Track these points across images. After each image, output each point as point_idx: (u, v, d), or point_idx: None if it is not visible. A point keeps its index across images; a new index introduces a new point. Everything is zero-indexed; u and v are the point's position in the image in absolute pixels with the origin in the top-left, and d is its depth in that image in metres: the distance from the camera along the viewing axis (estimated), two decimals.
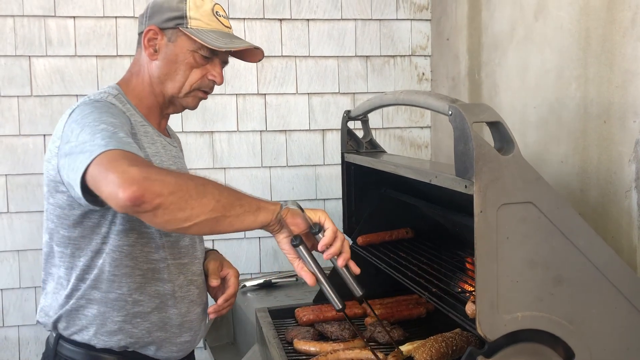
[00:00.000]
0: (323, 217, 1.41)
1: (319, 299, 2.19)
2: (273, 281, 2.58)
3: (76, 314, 1.48)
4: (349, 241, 1.43)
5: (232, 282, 1.65)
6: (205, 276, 1.66)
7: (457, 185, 1.25)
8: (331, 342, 1.80)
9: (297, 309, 2.05)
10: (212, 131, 2.93)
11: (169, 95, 1.57)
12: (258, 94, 2.97)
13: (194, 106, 1.62)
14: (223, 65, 1.60)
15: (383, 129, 3.11)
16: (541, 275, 1.23)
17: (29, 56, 2.76)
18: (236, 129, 2.95)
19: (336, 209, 2.98)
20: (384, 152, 2.19)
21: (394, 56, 3.09)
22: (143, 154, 1.46)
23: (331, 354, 1.68)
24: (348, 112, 2.14)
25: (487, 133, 1.28)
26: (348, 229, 2.21)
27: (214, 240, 2.94)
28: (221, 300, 1.63)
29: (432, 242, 2.13)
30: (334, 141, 3.01)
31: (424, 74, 3.13)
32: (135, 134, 1.47)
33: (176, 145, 1.70)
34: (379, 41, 3.06)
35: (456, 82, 2.82)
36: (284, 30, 2.97)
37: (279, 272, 2.88)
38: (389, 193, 2.14)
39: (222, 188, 1.26)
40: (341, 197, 2.23)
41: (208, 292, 1.69)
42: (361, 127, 2.20)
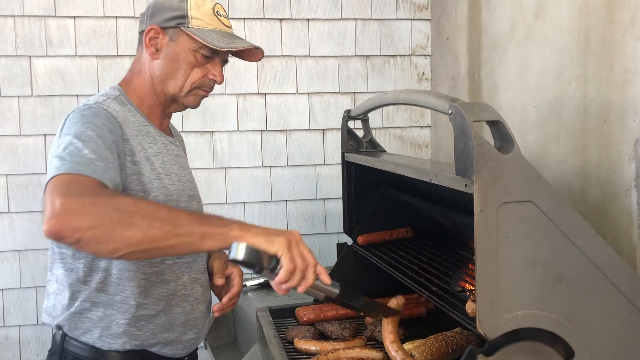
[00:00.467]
0: (281, 250, 1.22)
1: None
2: None
3: (79, 316, 1.48)
4: (314, 269, 1.26)
5: (237, 281, 1.66)
6: (209, 274, 1.67)
7: (457, 184, 1.25)
8: (332, 341, 1.80)
9: (297, 309, 2.05)
10: (212, 131, 2.94)
11: (170, 94, 1.58)
12: (258, 93, 2.97)
13: (196, 105, 1.63)
14: (223, 64, 1.62)
15: (383, 128, 3.11)
16: (541, 274, 1.23)
17: (30, 56, 2.76)
18: (236, 129, 2.96)
19: (336, 208, 2.98)
20: (384, 151, 2.19)
21: (394, 56, 3.09)
22: (144, 155, 1.49)
23: (332, 353, 1.68)
24: (348, 111, 2.14)
25: (487, 132, 1.28)
26: (348, 229, 2.22)
27: None
28: (226, 299, 1.63)
29: (432, 242, 2.13)
30: (334, 141, 3.01)
31: (424, 73, 3.13)
32: (128, 139, 1.45)
33: (178, 144, 1.71)
34: (379, 41, 3.07)
35: (456, 81, 2.82)
36: (284, 30, 2.98)
37: None
38: (389, 192, 2.14)
39: (156, 218, 1.18)
40: (341, 196, 2.24)
41: (212, 290, 1.70)
42: (361, 126, 2.21)
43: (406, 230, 2.21)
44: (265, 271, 1.23)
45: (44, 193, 1.21)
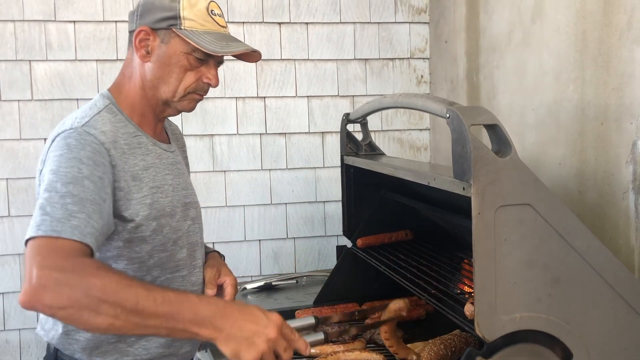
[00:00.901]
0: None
1: (319, 301, 2.21)
2: (273, 283, 2.59)
3: (67, 338, 1.43)
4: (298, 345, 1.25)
5: (229, 291, 1.58)
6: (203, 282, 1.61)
7: (455, 188, 1.26)
8: (331, 343, 1.81)
9: (297, 311, 2.06)
10: (212, 134, 2.94)
11: (163, 99, 1.50)
12: (258, 97, 2.98)
13: (190, 109, 1.55)
14: (218, 66, 1.53)
15: (382, 131, 3.12)
16: (539, 277, 1.24)
17: (30, 60, 2.76)
18: (236, 132, 2.96)
19: (336, 211, 2.99)
20: (383, 154, 2.20)
21: (392, 59, 3.10)
22: (132, 174, 1.40)
23: (331, 355, 1.69)
24: (347, 115, 2.15)
25: (485, 136, 1.29)
26: (348, 231, 2.23)
27: (214, 243, 2.95)
28: None
29: (432, 244, 2.14)
30: (334, 144, 3.02)
31: (422, 76, 3.14)
32: (115, 165, 1.38)
33: (174, 150, 1.63)
34: (377, 44, 3.08)
35: (455, 84, 2.84)
36: (283, 33, 2.99)
37: (279, 274, 2.90)
38: (388, 195, 2.15)
39: (123, 309, 1.13)
40: (341, 199, 2.24)
41: None
42: (360, 129, 2.22)
43: (405, 232, 2.22)
44: None
45: (25, 244, 1.20)
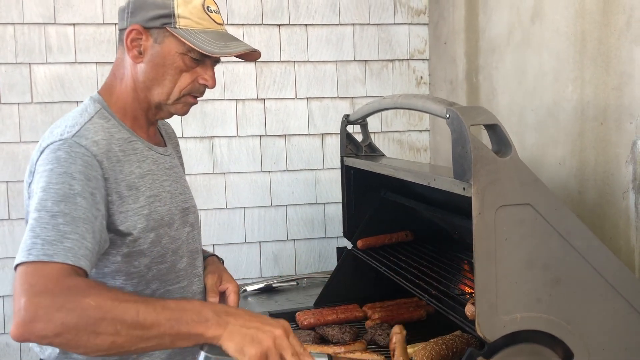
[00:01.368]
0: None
1: (319, 303, 2.21)
2: (274, 285, 2.59)
3: (64, 356, 1.36)
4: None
5: (232, 299, 1.52)
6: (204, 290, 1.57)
7: (456, 188, 1.26)
8: (332, 345, 1.81)
9: (297, 313, 2.06)
10: (211, 136, 2.95)
11: (155, 101, 1.42)
12: (257, 99, 2.98)
13: (184, 113, 1.47)
14: (214, 65, 1.46)
15: (382, 132, 3.12)
16: (539, 277, 1.24)
17: (29, 63, 2.77)
18: (236, 134, 2.96)
19: (336, 212, 2.99)
20: (383, 155, 2.20)
21: (392, 60, 3.11)
22: (127, 183, 1.33)
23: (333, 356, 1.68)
24: (347, 116, 2.15)
25: (485, 136, 1.29)
26: (348, 233, 2.23)
27: (214, 245, 2.95)
28: None
29: (432, 245, 2.14)
30: (334, 145, 3.02)
31: (422, 77, 3.14)
32: (108, 178, 1.31)
33: (170, 153, 1.56)
34: (377, 46, 3.08)
35: (454, 85, 2.84)
36: (283, 35, 2.99)
37: (280, 276, 2.90)
38: (388, 196, 2.15)
39: (123, 324, 1.08)
40: (341, 200, 2.24)
41: None
42: (360, 131, 2.22)
43: (405, 233, 2.22)
44: None
45: (14, 269, 1.13)
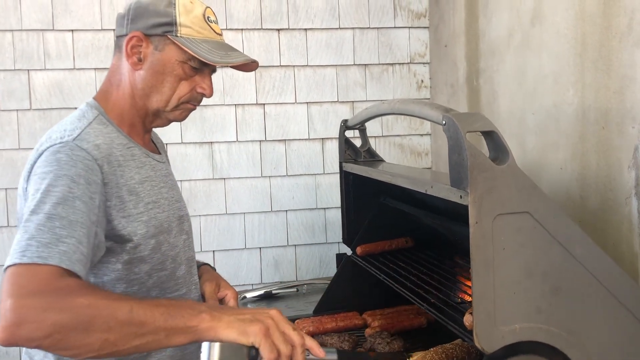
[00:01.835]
0: (258, 340, 1.08)
1: (319, 310, 2.18)
2: (274, 292, 2.57)
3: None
4: (302, 349, 1.13)
5: (232, 304, 1.52)
6: (202, 298, 1.55)
7: (452, 196, 1.24)
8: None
9: (296, 321, 2.04)
10: (211, 142, 2.93)
11: (153, 109, 1.42)
12: (257, 104, 2.96)
13: (182, 119, 1.49)
14: (212, 74, 1.48)
15: (383, 136, 3.10)
16: (539, 286, 1.22)
17: (28, 70, 2.76)
18: (235, 139, 2.95)
19: (337, 217, 2.96)
20: (382, 161, 2.18)
21: (392, 64, 3.08)
22: (127, 189, 1.32)
23: None
24: (345, 121, 2.13)
25: (485, 143, 1.27)
26: (347, 239, 2.20)
27: (214, 251, 2.93)
28: None
29: (433, 252, 2.11)
30: (334, 150, 3.00)
31: (422, 81, 3.12)
32: (108, 182, 1.30)
33: (164, 161, 1.56)
34: (377, 49, 3.06)
35: (455, 89, 2.81)
36: (282, 40, 2.97)
37: (281, 282, 2.88)
38: (388, 202, 2.12)
39: (116, 320, 1.07)
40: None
41: None
42: (359, 136, 2.20)
43: (406, 240, 2.19)
44: None
45: (4, 270, 1.10)
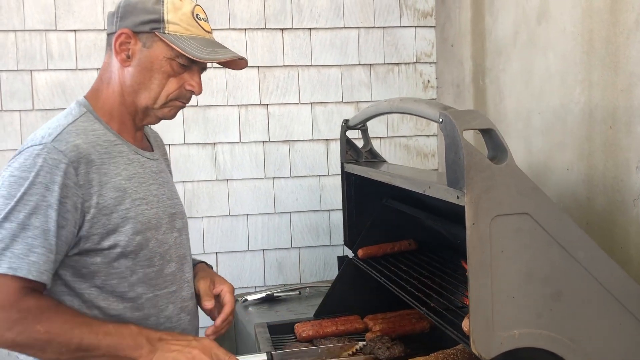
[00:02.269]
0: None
1: (320, 314, 2.14)
2: (275, 295, 2.53)
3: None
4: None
5: (228, 299, 1.54)
6: (196, 296, 1.56)
7: (449, 196, 1.19)
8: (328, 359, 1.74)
9: (296, 324, 2.00)
10: (214, 142, 2.90)
11: (142, 106, 1.44)
12: (260, 104, 2.93)
13: (171, 117, 1.50)
14: (201, 72, 1.48)
15: (388, 137, 3.05)
16: (539, 290, 1.17)
17: (31, 70, 2.75)
18: (239, 140, 2.92)
19: (341, 219, 2.90)
20: (384, 161, 2.14)
21: (398, 64, 3.04)
22: (113, 185, 1.36)
23: None
24: (346, 121, 2.09)
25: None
26: (349, 241, 2.16)
27: (217, 252, 2.90)
28: (219, 321, 1.52)
29: (436, 254, 2.06)
30: (338, 151, 2.95)
31: (429, 81, 3.07)
32: (85, 182, 1.33)
33: (157, 158, 1.56)
34: (382, 49, 3.02)
35: (461, 88, 2.76)
36: (286, 39, 2.94)
37: (284, 284, 2.84)
38: (390, 204, 2.08)
39: (67, 347, 1.25)
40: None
41: (204, 312, 1.57)
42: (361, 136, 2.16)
43: (409, 242, 2.14)
44: None
45: None
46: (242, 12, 2.90)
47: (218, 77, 2.88)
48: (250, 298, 2.50)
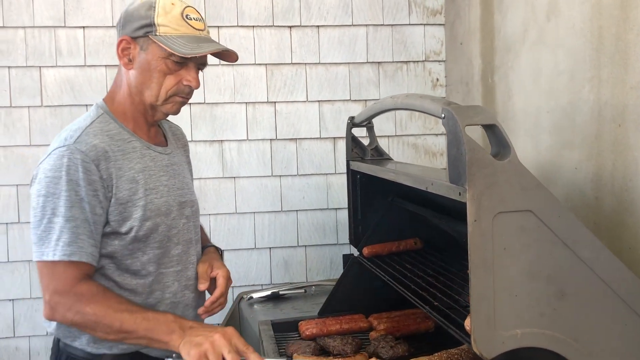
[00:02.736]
0: None
1: (324, 312, 2.13)
2: (281, 293, 2.52)
3: (67, 326, 1.54)
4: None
5: (220, 282, 1.68)
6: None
7: (452, 193, 1.18)
8: (332, 357, 1.73)
9: (300, 322, 1.99)
10: (221, 140, 2.90)
11: (148, 103, 1.59)
12: (268, 102, 2.92)
13: (175, 112, 1.63)
14: (201, 67, 1.61)
15: (397, 136, 3.03)
16: (542, 289, 1.15)
17: (40, 67, 2.76)
18: (246, 138, 2.91)
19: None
20: (389, 159, 2.12)
21: (406, 62, 3.02)
22: (127, 177, 1.53)
23: None
24: (352, 118, 2.08)
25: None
26: (354, 240, 2.14)
27: (224, 250, 2.89)
28: (208, 302, 1.68)
29: (441, 253, 2.04)
30: None
31: (438, 79, 3.05)
32: (107, 176, 1.50)
33: (170, 152, 1.71)
34: (391, 47, 3.00)
35: (470, 87, 2.74)
36: (294, 37, 2.93)
37: (290, 282, 2.83)
38: (396, 202, 2.06)
39: (112, 329, 1.45)
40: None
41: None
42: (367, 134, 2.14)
43: (414, 241, 2.12)
44: None
45: (37, 261, 1.48)
46: (250, 9, 2.89)
47: (226, 75, 2.87)
48: (256, 296, 2.49)
